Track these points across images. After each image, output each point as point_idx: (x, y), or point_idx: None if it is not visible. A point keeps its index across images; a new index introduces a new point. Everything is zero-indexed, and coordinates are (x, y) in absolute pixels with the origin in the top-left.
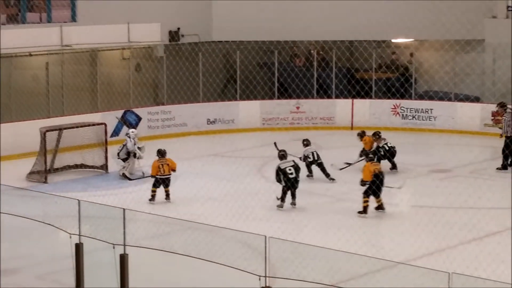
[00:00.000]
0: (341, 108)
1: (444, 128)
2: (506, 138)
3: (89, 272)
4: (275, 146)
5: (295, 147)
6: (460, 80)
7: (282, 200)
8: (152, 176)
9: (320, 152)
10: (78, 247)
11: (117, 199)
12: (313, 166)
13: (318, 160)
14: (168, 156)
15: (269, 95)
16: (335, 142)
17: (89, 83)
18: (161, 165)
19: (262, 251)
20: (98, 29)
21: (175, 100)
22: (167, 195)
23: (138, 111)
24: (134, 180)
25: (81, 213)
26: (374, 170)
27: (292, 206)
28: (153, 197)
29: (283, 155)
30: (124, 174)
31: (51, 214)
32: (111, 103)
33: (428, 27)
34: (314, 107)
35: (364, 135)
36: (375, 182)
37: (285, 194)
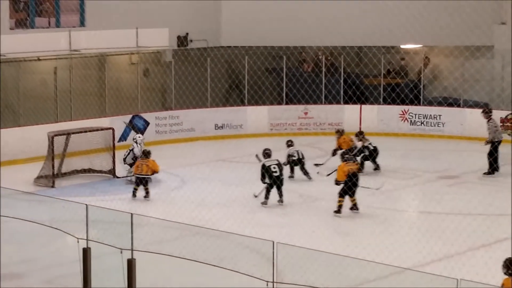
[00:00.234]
0: (349, 114)
1: (452, 134)
2: (491, 144)
3: (96, 277)
4: (257, 157)
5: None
6: (469, 86)
7: (266, 197)
8: (133, 175)
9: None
10: (86, 252)
11: (125, 204)
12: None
13: (303, 159)
14: (176, 161)
15: (277, 101)
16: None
17: (97, 88)
18: (141, 164)
19: (270, 257)
20: (107, 34)
21: (183, 105)
22: (146, 193)
23: (146, 116)
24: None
25: (89, 218)
26: (348, 170)
27: (279, 204)
28: (133, 194)
29: (267, 153)
30: (131, 180)
31: (59, 218)
32: (119, 108)
33: (437, 33)
34: (322, 112)
35: (343, 133)
36: (348, 182)
37: (269, 192)
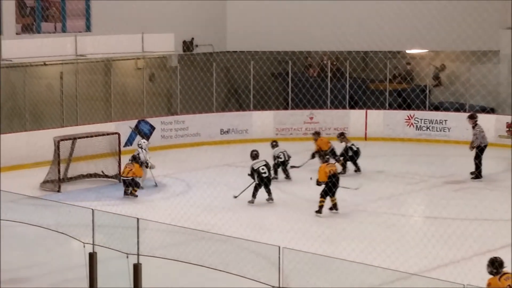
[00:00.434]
0: (355, 118)
1: (458, 139)
2: (476, 148)
3: (102, 282)
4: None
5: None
6: (475, 91)
7: (254, 196)
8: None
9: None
10: (92, 256)
11: (131, 209)
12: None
13: (288, 160)
14: (181, 166)
15: (283, 106)
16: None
17: (103, 93)
18: (125, 167)
19: (275, 262)
20: (113, 39)
21: (189, 110)
22: (130, 193)
23: (152, 120)
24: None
25: (95, 222)
26: (329, 171)
27: (269, 202)
28: (125, 193)
29: (256, 155)
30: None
31: (65, 223)
32: (125, 113)
33: (443, 38)
34: (328, 117)
35: (319, 136)
36: (329, 183)
37: (257, 191)
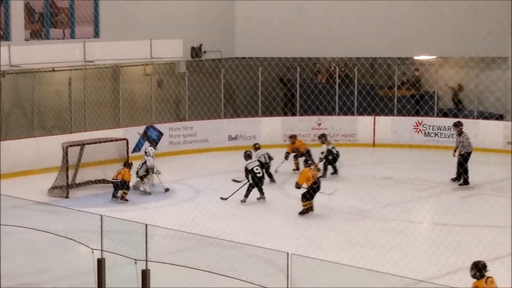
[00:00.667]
0: (363, 125)
1: None
2: (461, 156)
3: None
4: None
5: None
6: (484, 98)
7: (246, 196)
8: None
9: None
10: (100, 262)
11: (140, 215)
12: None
13: (269, 162)
14: (189, 172)
15: (291, 112)
16: (356, 159)
17: (112, 99)
18: (117, 171)
19: (284, 268)
20: (121, 45)
21: (197, 116)
22: (121, 197)
23: (160, 126)
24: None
25: (103, 228)
26: (313, 176)
27: (262, 200)
28: (113, 196)
29: (248, 155)
30: (145, 190)
31: (73, 229)
32: (133, 119)
33: (452, 44)
34: (336, 124)
35: (296, 138)
36: (313, 187)
37: (250, 191)
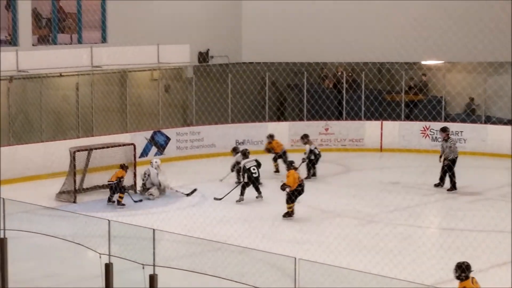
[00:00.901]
0: (371, 130)
1: (475, 150)
2: (446, 161)
3: None
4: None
5: (323, 169)
6: (492, 103)
7: (242, 194)
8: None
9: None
10: (108, 267)
11: (147, 219)
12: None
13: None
14: (197, 177)
15: (299, 117)
16: (364, 164)
17: (119, 104)
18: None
19: (291, 273)
20: (128, 50)
21: (204, 121)
22: (117, 201)
23: (167, 131)
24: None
25: (111, 233)
26: (299, 177)
27: (260, 199)
28: (108, 200)
29: (245, 154)
30: (151, 193)
31: (81, 233)
32: (140, 124)
33: (460, 49)
34: (344, 128)
35: (273, 138)
36: (298, 189)
37: (245, 189)
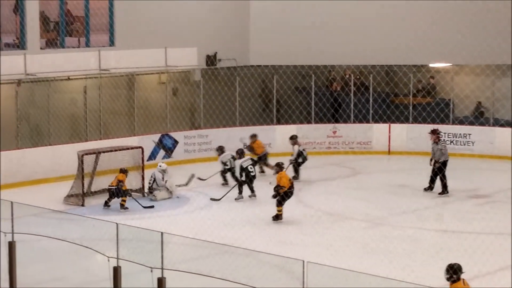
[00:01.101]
0: (379, 132)
1: (482, 153)
2: (438, 163)
3: None
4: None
5: (331, 172)
6: (500, 105)
7: (240, 192)
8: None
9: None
10: (116, 270)
11: (155, 223)
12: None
13: (234, 167)
14: (205, 180)
15: (307, 120)
16: (372, 167)
17: (127, 107)
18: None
19: (299, 276)
20: (136, 53)
21: (212, 124)
22: (120, 205)
23: (175, 135)
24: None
25: (119, 236)
26: (289, 179)
27: (253, 198)
28: (105, 204)
29: (241, 153)
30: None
31: (89, 237)
32: (148, 127)
33: (468, 51)
34: (351, 131)
35: (256, 138)
36: (290, 190)
37: (242, 187)
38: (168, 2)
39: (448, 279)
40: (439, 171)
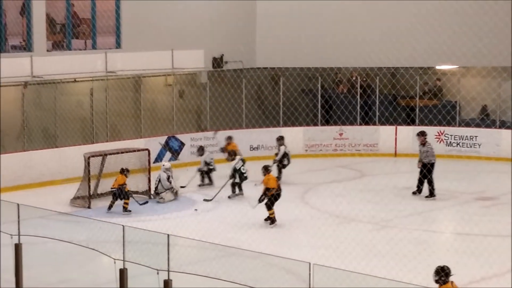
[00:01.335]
0: (385, 135)
1: (489, 155)
2: (424, 166)
3: None
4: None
5: (337, 174)
6: (507, 107)
7: (233, 191)
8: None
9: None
10: (123, 272)
11: (161, 225)
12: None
13: (214, 166)
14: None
15: (313, 122)
16: (378, 169)
17: (133, 109)
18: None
19: (306, 278)
20: (142, 55)
21: (219, 126)
22: (123, 208)
23: (182, 137)
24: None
25: (125, 238)
26: (276, 181)
27: (241, 196)
28: (109, 207)
29: (233, 155)
30: (162, 198)
31: (95, 239)
32: (155, 129)
33: (474, 53)
34: (358, 133)
35: (231, 140)
36: (278, 192)
37: (235, 187)
38: (175, 4)
39: (436, 282)
40: (426, 172)
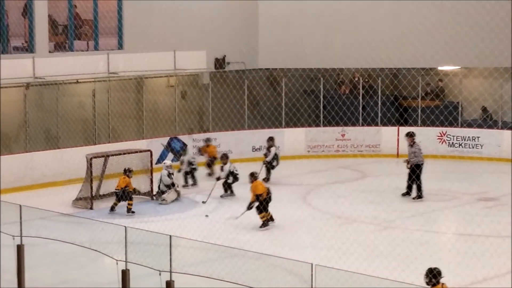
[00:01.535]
0: (387, 136)
1: (491, 156)
2: (411, 167)
3: None
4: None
5: (339, 175)
6: (509, 108)
7: (226, 191)
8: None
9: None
10: (125, 273)
11: (164, 226)
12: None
13: (196, 166)
14: (213, 183)
15: (315, 123)
16: (380, 170)
17: (135, 110)
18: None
19: (308, 279)
20: (145, 56)
21: (221, 127)
22: (126, 209)
23: (184, 138)
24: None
25: (127, 240)
26: (265, 186)
27: (232, 196)
28: (111, 208)
29: (227, 157)
30: (164, 199)
31: (98, 240)
32: (157, 130)
33: (476, 54)
34: (360, 134)
35: (210, 142)
36: (268, 196)
37: (226, 187)
38: (177, 5)
39: (427, 283)
40: (412, 173)
